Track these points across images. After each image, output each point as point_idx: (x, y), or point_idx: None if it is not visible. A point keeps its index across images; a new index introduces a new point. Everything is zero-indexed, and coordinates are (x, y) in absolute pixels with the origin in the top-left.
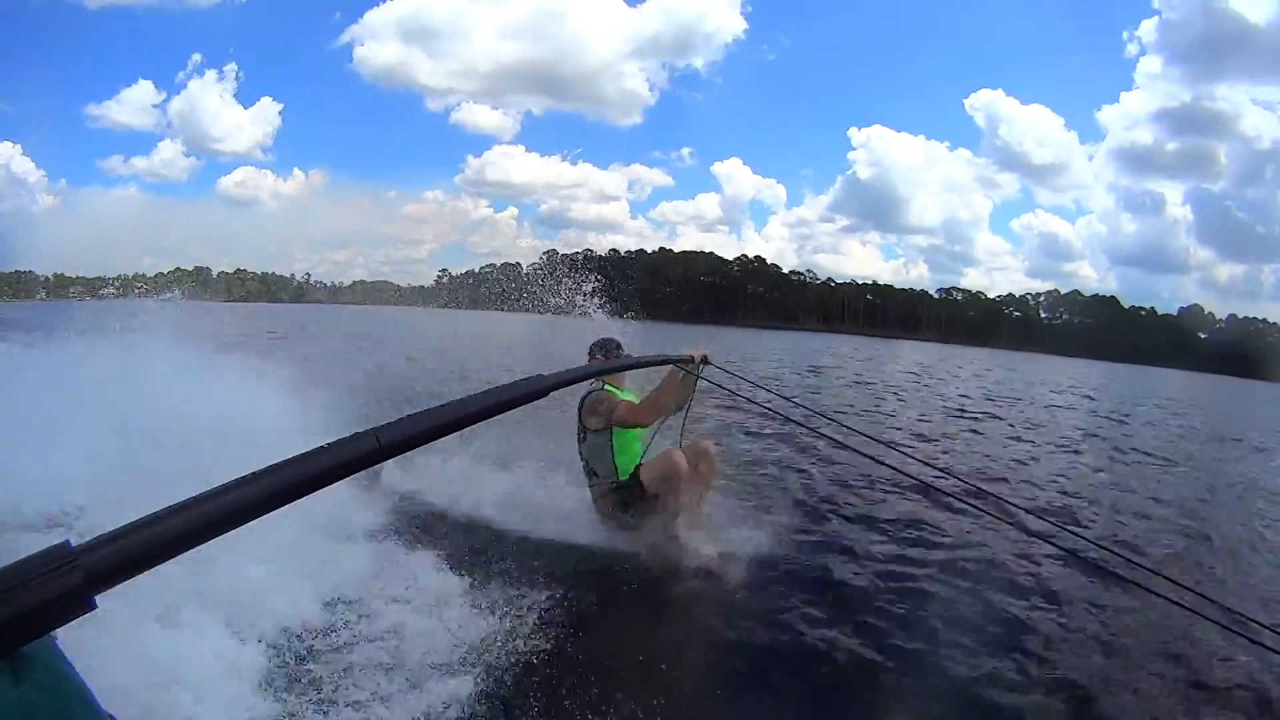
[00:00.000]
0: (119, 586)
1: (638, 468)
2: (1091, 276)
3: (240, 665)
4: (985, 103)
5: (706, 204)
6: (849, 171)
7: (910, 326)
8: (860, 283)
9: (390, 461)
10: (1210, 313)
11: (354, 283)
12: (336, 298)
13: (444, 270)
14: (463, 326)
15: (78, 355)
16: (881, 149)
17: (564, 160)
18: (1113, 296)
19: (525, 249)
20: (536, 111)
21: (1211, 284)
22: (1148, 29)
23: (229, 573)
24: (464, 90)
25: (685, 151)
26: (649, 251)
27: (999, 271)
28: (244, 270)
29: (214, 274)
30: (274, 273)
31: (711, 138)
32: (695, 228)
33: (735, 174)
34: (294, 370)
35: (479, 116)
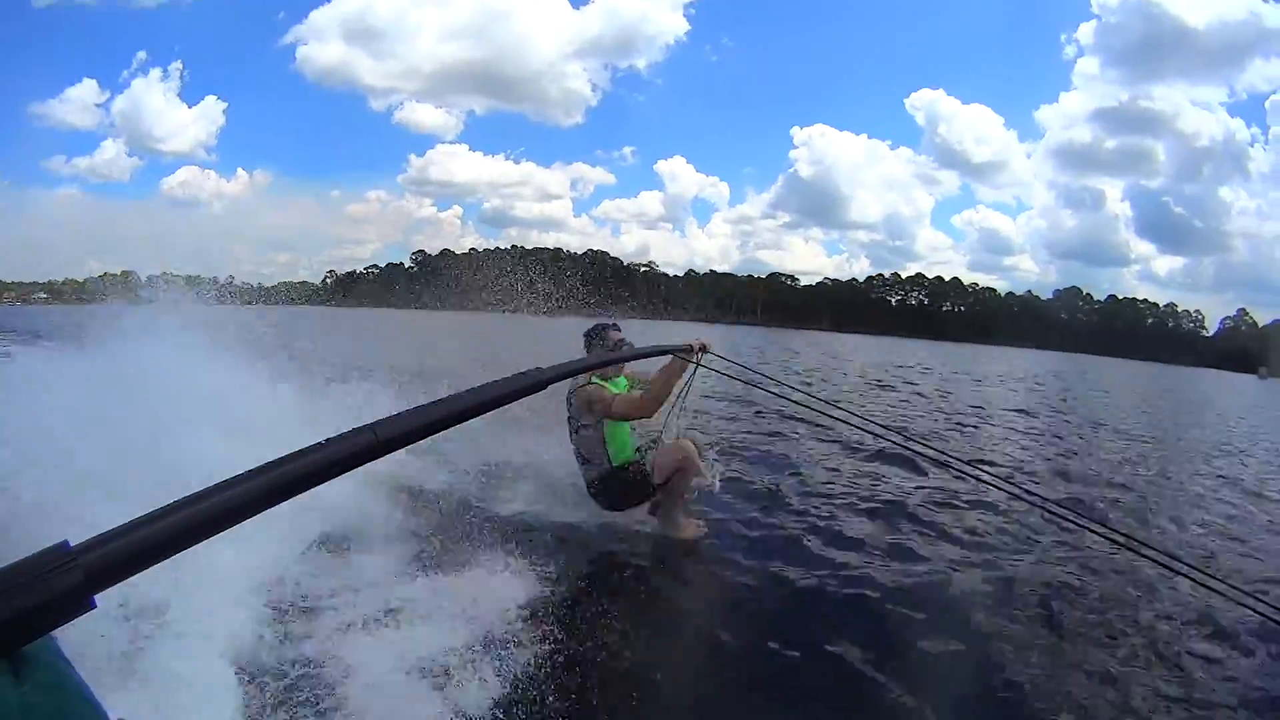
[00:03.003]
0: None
1: (637, 454)
2: (1033, 269)
3: (229, 662)
4: (926, 102)
5: (649, 202)
6: (790, 170)
7: (743, 311)
8: (718, 272)
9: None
10: (1088, 294)
11: (278, 283)
12: (235, 298)
13: (331, 271)
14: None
15: None
16: (823, 147)
17: (507, 159)
18: (955, 278)
19: (468, 247)
20: (479, 111)
21: (1151, 276)
22: (1086, 32)
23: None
24: (406, 90)
25: (628, 150)
26: (503, 249)
27: (941, 265)
28: (168, 273)
29: (142, 278)
30: (197, 275)
31: (654, 137)
32: (638, 225)
33: (678, 172)
34: None
35: (421, 116)
